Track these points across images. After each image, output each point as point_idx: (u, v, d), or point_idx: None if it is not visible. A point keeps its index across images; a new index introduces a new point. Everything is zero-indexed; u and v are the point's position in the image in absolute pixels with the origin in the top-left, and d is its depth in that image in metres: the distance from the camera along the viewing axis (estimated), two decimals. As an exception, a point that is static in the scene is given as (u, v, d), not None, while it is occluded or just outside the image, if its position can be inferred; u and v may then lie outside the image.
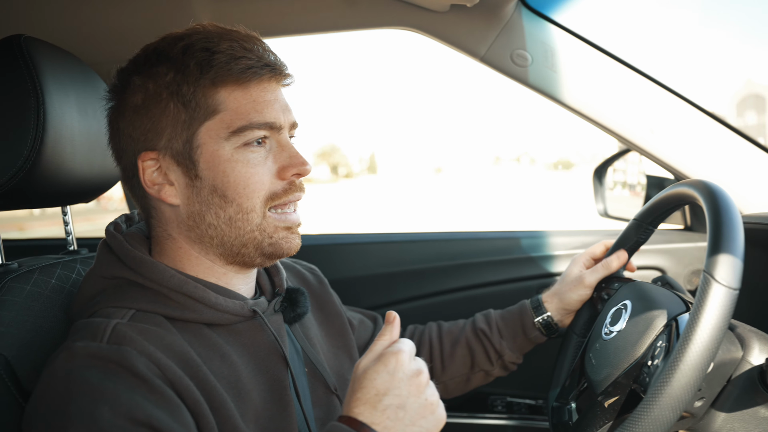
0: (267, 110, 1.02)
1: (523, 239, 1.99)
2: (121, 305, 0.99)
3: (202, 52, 0.99)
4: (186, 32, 1.02)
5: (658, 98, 1.52)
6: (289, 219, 1.06)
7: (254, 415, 0.99)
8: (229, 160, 1.00)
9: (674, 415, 0.92)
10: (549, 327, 1.44)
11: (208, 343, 1.00)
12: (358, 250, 2.08)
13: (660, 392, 0.92)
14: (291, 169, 1.04)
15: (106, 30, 1.74)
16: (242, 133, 1.00)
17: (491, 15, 1.51)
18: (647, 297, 1.18)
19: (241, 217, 1.02)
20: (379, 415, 0.84)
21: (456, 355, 1.48)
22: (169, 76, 0.99)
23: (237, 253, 1.05)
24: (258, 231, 1.03)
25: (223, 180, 1.00)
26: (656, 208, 1.30)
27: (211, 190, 1.01)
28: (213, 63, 0.98)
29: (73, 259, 1.25)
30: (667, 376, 0.92)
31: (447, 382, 1.49)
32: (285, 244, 1.06)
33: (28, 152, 1.08)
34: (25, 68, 1.10)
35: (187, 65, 0.99)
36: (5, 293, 1.06)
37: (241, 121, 1.00)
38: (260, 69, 1.01)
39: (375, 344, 0.92)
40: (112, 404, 0.81)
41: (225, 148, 1.00)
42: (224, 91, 1.00)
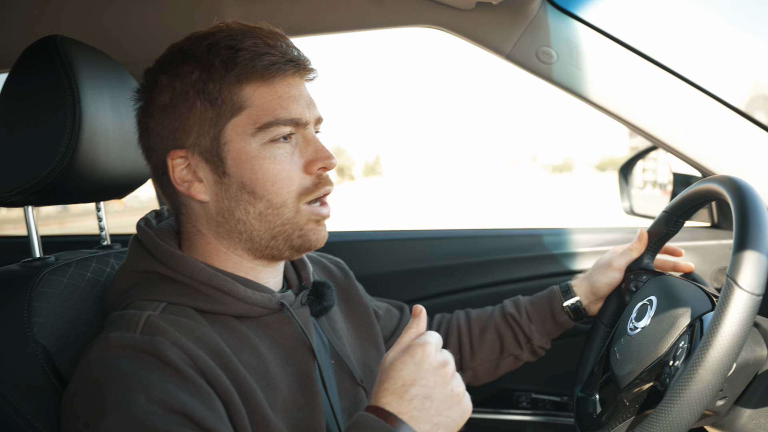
0: (292, 106, 1.03)
1: (548, 236, 1.99)
2: (153, 298, 1.02)
3: (227, 49, 1.01)
4: (210, 30, 1.04)
5: (684, 95, 1.52)
6: (321, 212, 1.08)
7: (282, 406, 1.01)
8: (256, 156, 1.02)
9: (693, 416, 0.92)
10: (577, 311, 1.44)
11: (237, 334, 1.03)
12: (385, 247, 2.09)
13: (679, 394, 0.92)
14: (317, 163, 1.05)
15: (138, 30, 1.77)
16: (268, 129, 1.02)
17: (517, 12, 1.52)
18: (673, 294, 1.18)
19: (271, 212, 1.04)
20: (406, 405, 0.85)
21: (485, 341, 1.49)
22: (195, 75, 1.01)
23: (266, 246, 1.07)
24: (290, 224, 1.05)
25: (251, 176, 1.02)
26: (684, 203, 1.30)
27: (240, 186, 1.03)
28: (237, 60, 1.00)
29: (107, 254, 1.29)
30: (687, 380, 0.92)
31: (476, 368, 1.50)
32: (313, 236, 1.08)
33: (64, 149, 1.11)
34: (62, 67, 1.13)
35: (213, 63, 1.01)
36: (44, 285, 1.09)
37: (267, 117, 1.01)
38: (284, 65, 1.02)
39: (402, 337, 0.93)
40: (147, 392, 0.83)
41: (252, 145, 1.02)
42: (249, 88, 1.02)
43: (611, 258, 1.42)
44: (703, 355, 0.91)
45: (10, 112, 1.15)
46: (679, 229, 1.36)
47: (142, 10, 1.68)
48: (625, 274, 1.40)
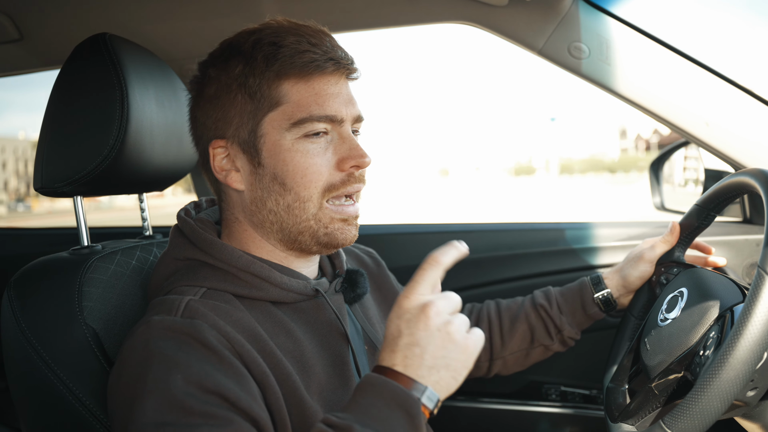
0: (328, 103, 1.06)
1: (576, 231, 2.00)
2: (193, 284, 1.06)
3: (270, 46, 1.04)
4: (259, 27, 1.08)
5: (716, 89, 1.51)
6: (345, 211, 1.10)
7: (318, 388, 1.05)
8: (289, 149, 1.05)
9: (723, 405, 0.93)
10: (608, 303, 1.45)
11: (274, 319, 1.06)
12: (416, 240, 2.12)
13: (709, 383, 0.93)
14: (350, 161, 1.08)
15: (180, 29, 1.82)
16: (302, 125, 1.05)
17: (549, 8, 1.53)
18: (703, 285, 1.19)
19: (298, 205, 1.07)
20: (398, 356, 0.88)
21: (516, 331, 1.51)
22: (238, 69, 1.06)
23: (294, 239, 1.10)
24: (314, 220, 1.08)
25: (282, 168, 1.06)
26: (716, 196, 1.30)
27: (272, 177, 1.07)
28: (278, 56, 1.04)
29: (149, 243, 1.34)
30: (717, 369, 0.93)
31: (506, 357, 1.52)
32: (340, 235, 1.10)
33: (113, 142, 1.16)
34: (111, 64, 1.18)
35: (255, 58, 1.05)
36: (93, 272, 1.15)
37: (301, 113, 1.05)
38: (324, 62, 1.05)
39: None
40: (185, 373, 0.88)
41: (286, 138, 1.05)
42: (287, 84, 1.05)
43: (643, 250, 1.43)
44: (734, 343, 0.93)
45: (61, 107, 1.20)
46: (710, 222, 1.36)
47: (185, 10, 1.73)
48: (656, 267, 1.41)
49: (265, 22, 1.09)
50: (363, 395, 0.86)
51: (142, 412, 0.85)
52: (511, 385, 1.98)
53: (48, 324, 1.08)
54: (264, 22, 1.09)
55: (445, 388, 0.87)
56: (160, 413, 0.84)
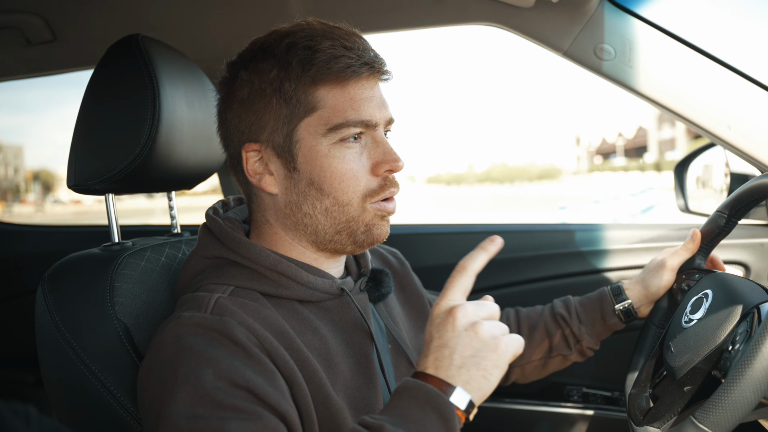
0: (363, 108, 1.07)
1: (606, 231, 2.00)
2: (221, 282, 1.08)
3: (305, 50, 1.04)
4: (291, 29, 1.08)
5: (742, 90, 1.50)
6: (386, 208, 1.11)
7: (343, 385, 1.06)
8: (326, 155, 1.06)
9: (755, 397, 0.93)
10: (628, 314, 1.44)
11: (300, 317, 1.08)
12: (440, 240, 2.13)
13: (741, 374, 0.93)
14: (384, 165, 1.08)
15: (209, 29, 1.85)
16: (339, 130, 1.05)
17: (575, 10, 1.53)
18: (729, 286, 1.19)
19: (337, 209, 1.08)
20: (429, 359, 0.90)
21: (534, 340, 1.50)
22: (273, 73, 1.06)
23: (330, 240, 1.11)
24: (354, 222, 1.09)
25: (320, 174, 1.07)
26: (739, 200, 1.29)
27: (308, 182, 1.07)
28: (314, 61, 1.04)
29: (178, 241, 1.36)
30: (749, 359, 0.93)
31: (524, 366, 1.52)
32: (376, 231, 1.11)
33: (145, 140, 1.18)
34: (143, 64, 1.20)
35: (290, 63, 1.05)
36: (124, 268, 1.17)
37: (338, 119, 1.05)
38: (359, 68, 1.06)
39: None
40: (215, 368, 0.89)
41: (322, 144, 1.06)
42: (323, 89, 1.06)
43: (664, 259, 1.41)
44: (766, 334, 0.93)
45: (95, 106, 1.23)
46: (732, 228, 1.36)
47: (213, 10, 1.75)
48: (677, 275, 1.40)
49: (296, 23, 1.10)
50: (399, 398, 0.88)
51: (174, 405, 0.87)
52: (533, 386, 1.98)
53: (81, 319, 1.11)
54: (295, 24, 1.10)
55: (476, 387, 0.88)
56: (192, 406, 0.86)
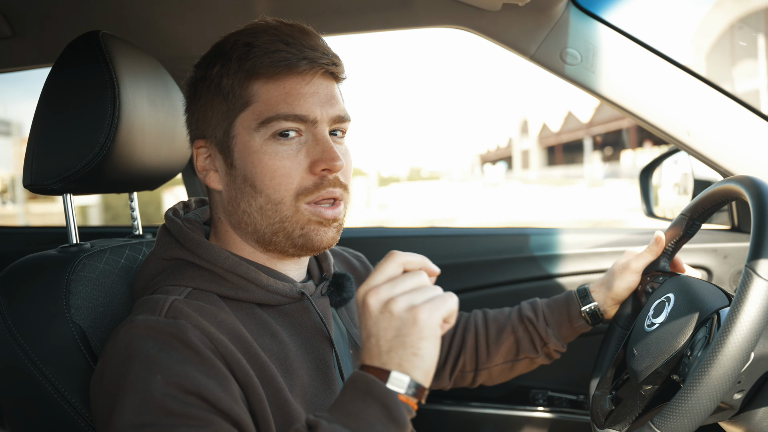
0: (299, 102, 1.04)
1: (567, 235, 2.01)
2: (179, 283, 1.06)
3: (244, 46, 1.05)
4: (245, 28, 1.08)
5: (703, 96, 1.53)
6: (323, 213, 1.06)
7: (301, 390, 1.05)
8: (258, 151, 1.04)
9: (712, 404, 0.94)
10: (595, 316, 1.44)
11: (259, 321, 1.07)
12: (407, 243, 2.13)
13: (698, 382, 0.94)
14: (321, 164, 1.04)
15: (173, 29, 1.82)
16: (269, 124, 1.04)
17: (542, 14, 1.54)
18: (690, 291, 1.20)
19: (270, 207, 1.06)
20: (363, 353, 0.88)
21: (501, 342, 1.50)
22: (215, 70, 1.07)
23: (269, 241, 1.09)
24: (288, 222, 1.06)
25: (252, 170, 1.05)
26: (701, 204, 1.31)
27: (243, 179, 1.06)
28: (249, 56, 1.04)
29: (139, 242, 1.34)
30: (706, 367, 0.94)
31: (492, 369, 1.52)
32: (315, 237, 1.07)
33: (104, 140, 1.16)
34: (103, 62, 1.18)
35: (230, 58, 1.05)
36: (81, 270, 1.14)
37: (269, 112, 1.04)
38: (296, 61, 1.03)
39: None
40: (165, 373, 0.88)
41: (255, 139, 1.05)
42: (258, 83, 1.05)
43: (629, 261, 1.42)
44: (723, 340, 0.94)
45: (53, 104, 1.20)
46: (695, 231, 1.37)
47: (180, 9, 1.73)
48: (642, 277, 1.41)
49: (253, 22, 1.09)
50: (343, 393, 0.86)
51: (122, 412, 0.85)
52: (499, 390, 1.99)
53: (34, 321, 1.08)
54: (250, 23, 1.09)
55: (411, 366, 0.84)
56: (140, 414, 0.85)
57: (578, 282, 1.95)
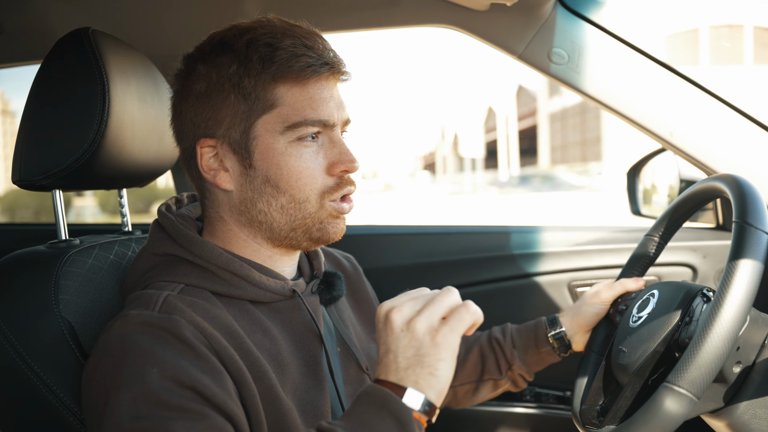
0: (322, 107, 1.06)
1: (553, 233, 2.03)
2: (171, 279, 1.06)
3: (266, 47, 1.04)
4: (252, 25, 1.07)
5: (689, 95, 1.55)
6: (342, 207, 1.11)
7: (292, 387, 1.06)
8: (283, 153, 1.06)
9: (726, 347, 0.94)
10: (561, 342, 1.43)
11: (251, 318, 1.07)
12: (394, 241, 2.13)
13: (709, 326, 0.95)
14: (340, 166, 1.08)
15: (164, 25, 1.82)
16: (297, 129, 1.05)
17: (529, 14, 1.55)
18: (674, 282, 1.22)
19: (293, 205, 1.07)
20: (380, 367, 0.91)
21: (468, 362, 1.50)
22: (232, 68, 1.05)
23: (285, 236, 1.10)
24: (311, 218, 1.09)
25: (276, 172, 1.06)
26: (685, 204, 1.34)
27: (264, 180, 1.07)
28: (275, 59, 1.03)
29: (128, 239, 1.34)
30: (716, 310, 0.95)
31: (456, 388, 1.52)
32: (332, 229, 1.11)
33: (93, 135, 1.16)
34: (93, 59, 1.18)
35: (250, 59, 1.04)
36: (70, 265, 1.14)
37: (296, 117, 1.05)
38: (319, 67, 1.05)
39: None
40: (161, 367, 0.88)
41: (279, 142, 1.06)
42: (283, 87, 1.05)
43: (599, 290, 1.42)
44: (728, 284, 0.96)
45: (42, 100, 1.20)
46: (660, 251, 1.41)
47: (169, 6, 1.73)
48: (614, 302, 1.41)
49: (256, 19, 1.09)
50: (357, 403, 0.89)
51: (117, 404, 0.85)
52: None
53: (23, 316, 1.08)
54: (256, 20, 1.09)
55: (427, 385, 0.87)
56: (135, 406, 0.85)
57: (559, 280, 1.97)
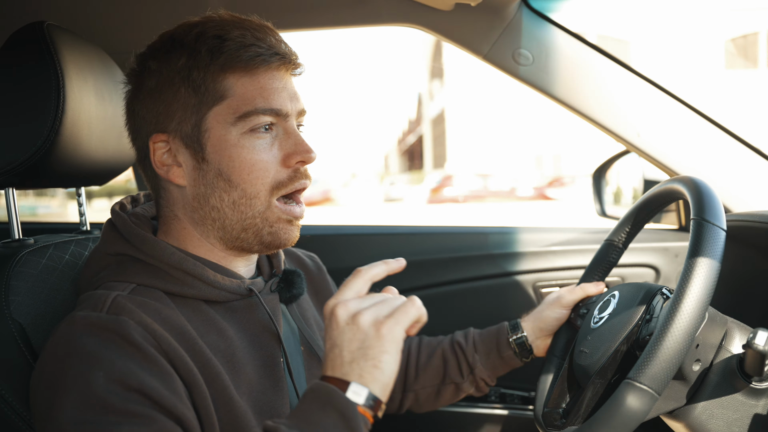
0: (273, 97, 1.06)
1: (521, 234, 2.04)
2: (122, 279, 1.05)
3: (214, 39, 1.03)
4: (201, 20, 1.07)
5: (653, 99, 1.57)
6: (292, 211, 1.10)
7: (248, 388, 1.04)
8: (235, 145, 1.05)
9: (686, 341, 0.95)
10: (523, 347, 1.44)
11: (205, 318, 1.06)
12: (360, 241, 2.13)
13: (670, 321, 0.96)
14: (296, 156, 1.07)
15: (124, 20, 1.80)
16: (248, 118, 1.04)
17: (494, 15, 1.56)
18: (636, 284, 1.23)
19: (244, 201, 1.06)
20: (326, 363, 0.92)
21: (430, 365, 1.50)
22: (181, 62, 1.04)
23: (236, 237, 1.09)
24: (260, 218, 1.07)
25: (228, 164, 1.05)
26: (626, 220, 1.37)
27: (217, 173, 1.06)
28: (223, 50, 1.03)
29: (86, 238, 1.31)
30: (675, 305, 0.96)
31: (418, 391, 1.51)
32: (283, 235, 1.10)
33: (47, 132, 1.14)
34: (47, 53, 1.16)
35: (199, 51, 1.03)
36: (22, 266, 1.12)
37: (247, 107, 1.04)
38: (269, 57, 1.05)
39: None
40: (107, 370, 0.87)
41: (231, 133, 1.05)
42: (232, 77, 1.04)
43: (560, 295, 1.43)
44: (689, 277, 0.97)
45: None
46: (620, 256, 1.42)
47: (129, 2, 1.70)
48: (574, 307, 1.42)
49: (206, 15, 1.08)
50: (303, 401, 0.89)
51: (62, 409, 0.84)
52: None
53: None
54: (205, 16, 1.08)
55: (371, 379, 0.88)
56: (80, 411, 0.83)
57: (524, 281, 1.98)
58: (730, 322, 1.10)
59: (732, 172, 1.57)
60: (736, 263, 1.38)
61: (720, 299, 1.08)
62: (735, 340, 1.08)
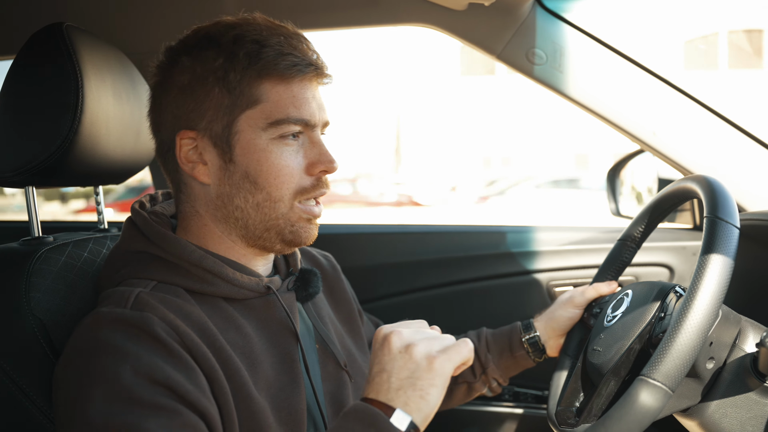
0: (304, 107, 1.07)
1: (534, 233, 2.03)
2: (144, 276, 1.06)
3: (252, 44, 1.04)
4: (237, 21, 1.08)
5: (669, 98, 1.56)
6: (312, 211, 1.12)
7: (266, 385, 1.05)
8: (264, 149, 1.06)
9: (700, 338, 0.95)
10: (536, 347, 1.44)
11: (224, 315, 1.07)
12: (374, 240, 2.13)
13: (684, 317, 0.96)
14: (319, 166, 1.09)
15: (141, 22, 1.81)
16: (279, 126, 1.06)
17: (508, 14, 1.56)
18: (649, 282, 1.23)
19: (268, 204, 1.08)
20: (371, 385, 0.91)
21: None
22: (218, 62, 1.05)
23: (259, 237, 1.11)
24: (282, 219, 1.09)
25: (256, 167, 1.06)
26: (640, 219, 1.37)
27: (243, 175, 1.07)
28: (261, 56, 1.04)
29: (104, 236, 1.33)
30: (688, 303, 0.96)
31: None
32: (304, 233, 1.12)
33: (66, 132, 1.15)
34: (67, 54, 1.17)
35: (237, 54, 1.04)
36: (42, 263, 1.13)
37: (279, 114, 1.05)
38: (305, 68, 1.07)
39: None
40: (134, 364, 0.88)
41: (261, 138, 1.06)
42: (268, 84, 1.06)
43: (573, 295, 1.43)
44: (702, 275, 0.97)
45: (14, 96, 1.19)
46: (633, 255, 1.42)
47: (148, 3, 1.72)
48: (586, 308, 1.42)
49: (241, 17, 1.09)
50: (344, 419, 0.89)
51: (90, 402, 0.85)
52: None
53: None
54: (241, 17, 1.09)
55: (415, 408, 0.88)
56: (108, 403, 0.85)
57: (538, 280, 1.98)
58: (744, 321, 1.09)
59: (748, 171, 1.56)
60: (750, 262, 1.38)
61: (734, 298, 1.08)
62: (749, 338, 1.08)
